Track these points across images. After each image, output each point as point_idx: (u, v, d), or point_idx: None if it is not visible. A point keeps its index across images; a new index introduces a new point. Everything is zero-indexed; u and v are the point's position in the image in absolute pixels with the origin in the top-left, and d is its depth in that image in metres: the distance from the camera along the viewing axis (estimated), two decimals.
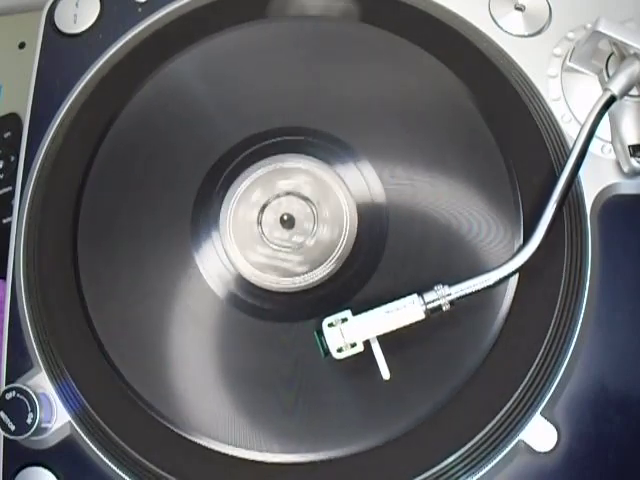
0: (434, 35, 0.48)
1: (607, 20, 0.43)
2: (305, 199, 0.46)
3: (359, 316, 0.39)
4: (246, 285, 0.45)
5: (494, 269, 0.40)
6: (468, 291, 0.40)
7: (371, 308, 0.40)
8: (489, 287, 0.40)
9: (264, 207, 0.46)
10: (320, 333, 0.39)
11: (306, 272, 0.44)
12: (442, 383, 0.41)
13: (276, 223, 0.45)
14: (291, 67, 0.48)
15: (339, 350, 0.39)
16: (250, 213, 0.46)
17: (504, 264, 0.40)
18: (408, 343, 0.42)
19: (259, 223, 0.46)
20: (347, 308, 0.40)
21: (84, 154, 0.48)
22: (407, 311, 0.39)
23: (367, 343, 0.39)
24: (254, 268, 0.45)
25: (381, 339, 0.39)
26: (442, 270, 0.43)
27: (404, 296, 0.40)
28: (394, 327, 0.39)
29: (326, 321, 0.39)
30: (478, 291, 0.40)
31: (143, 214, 0.46)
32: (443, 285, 0.40)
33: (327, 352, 0.39)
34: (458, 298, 0.40)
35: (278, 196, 0.46)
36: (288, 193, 0.46)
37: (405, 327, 0.39)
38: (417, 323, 0.40)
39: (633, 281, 0.43)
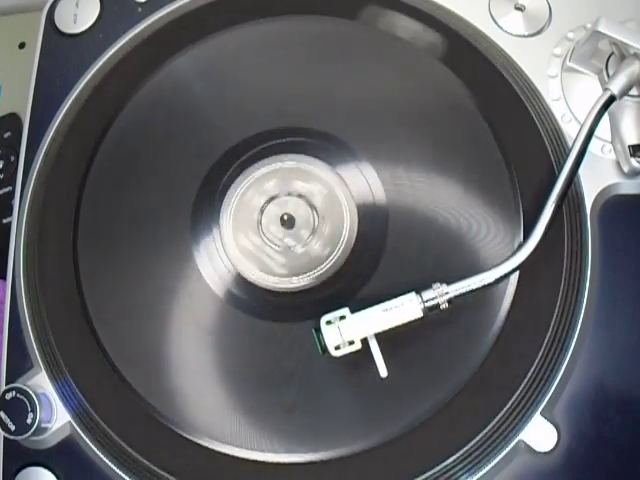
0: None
1: (607, 20, 0.43)
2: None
3: (357, 314, 0.39)
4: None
5: (492, 268, 0.40)
6: (466, 290, 0.40)
7: (370, 307, 0.40)
8: (487, 286, 0.40)
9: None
10: (318, 330, 0.39)
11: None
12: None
13: (276, 223, 0.45)
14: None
15: (337, 348, 0.39)
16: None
17: (502, 263, 0.40)
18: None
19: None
20: (345, 306, 0.40)
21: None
22: (405, 309, 0.39)
23: (366, 341, 0.39)
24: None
25: (381, 339, 0.39)
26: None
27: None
28: (392, 325, 0.39)
29: (324, 319, 0.39)
30: (476, 290, 0.40)
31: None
32: (441, 283, 0.40)
33: (325, 350, 0.39)
34: (456, 297, 0.40)
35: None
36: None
37: (405, 326, 0.39)
38: (417, 322, 0.40)
39: (633, 281, 0.43)
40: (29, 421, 0.42)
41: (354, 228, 0.45)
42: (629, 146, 0.44)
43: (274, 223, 0.45)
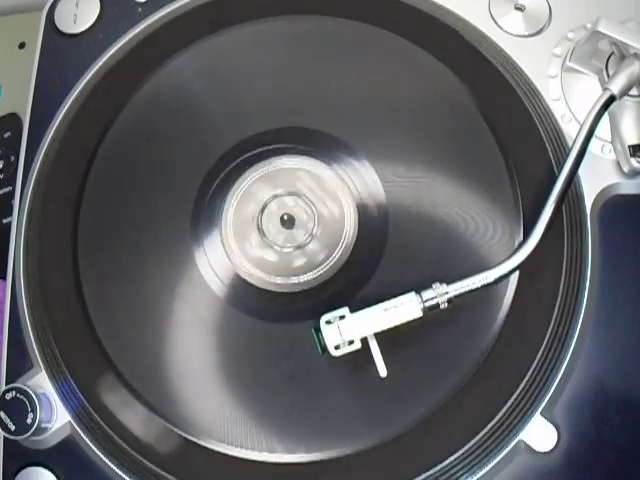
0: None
1: (607, 20, 0.43)
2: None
3: (356, 313, 0.39)
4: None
5: (491, 268, 0.40)
6: (466, 289, 0.40)
7: (370, 307, 0.40)
8: (486, 286, 0.40)
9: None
10: (318, 330, 0.39)
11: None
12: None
13: (276, 223, 0.45)
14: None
15: (336, 347, 0.39)
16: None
17: (501, 263, 0.40)
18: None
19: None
20: (345, 306, 0.40)
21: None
22: (405, 309, 0.39)
23: (365, 341, 0.39)
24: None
25: (380, 339, 0.39)
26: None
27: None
28: (391, 325, 0.39)
29: (324, 318, 0.39)
30: (476, 290, 0.40)
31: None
32: (441, 283, 0.40)
33: (324, 349, 0.39)
34: (456, 296, 0.40)
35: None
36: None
37: (405, 326, 0.39)
38: (417, 322, 0.40)
39: (633, 281, 0.43)
40: (29, 421, 0.42)
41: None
42: (629, 146, 0.44)
43: (274, 223, 0.45)
